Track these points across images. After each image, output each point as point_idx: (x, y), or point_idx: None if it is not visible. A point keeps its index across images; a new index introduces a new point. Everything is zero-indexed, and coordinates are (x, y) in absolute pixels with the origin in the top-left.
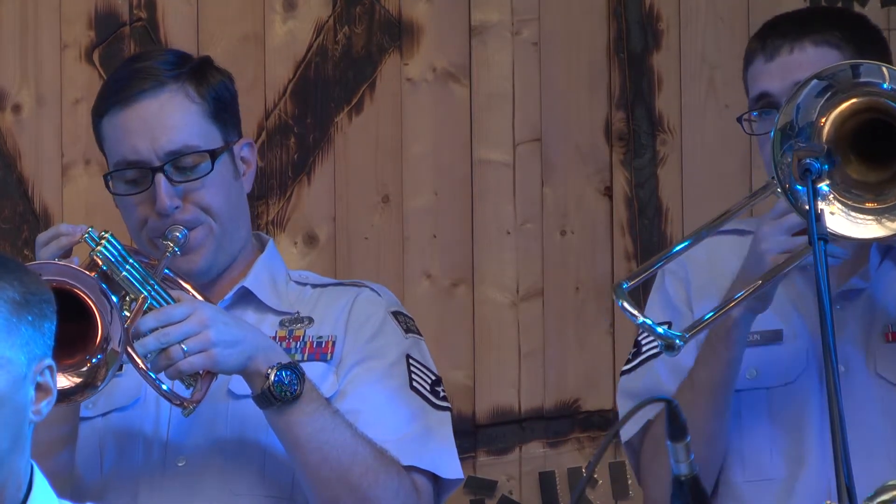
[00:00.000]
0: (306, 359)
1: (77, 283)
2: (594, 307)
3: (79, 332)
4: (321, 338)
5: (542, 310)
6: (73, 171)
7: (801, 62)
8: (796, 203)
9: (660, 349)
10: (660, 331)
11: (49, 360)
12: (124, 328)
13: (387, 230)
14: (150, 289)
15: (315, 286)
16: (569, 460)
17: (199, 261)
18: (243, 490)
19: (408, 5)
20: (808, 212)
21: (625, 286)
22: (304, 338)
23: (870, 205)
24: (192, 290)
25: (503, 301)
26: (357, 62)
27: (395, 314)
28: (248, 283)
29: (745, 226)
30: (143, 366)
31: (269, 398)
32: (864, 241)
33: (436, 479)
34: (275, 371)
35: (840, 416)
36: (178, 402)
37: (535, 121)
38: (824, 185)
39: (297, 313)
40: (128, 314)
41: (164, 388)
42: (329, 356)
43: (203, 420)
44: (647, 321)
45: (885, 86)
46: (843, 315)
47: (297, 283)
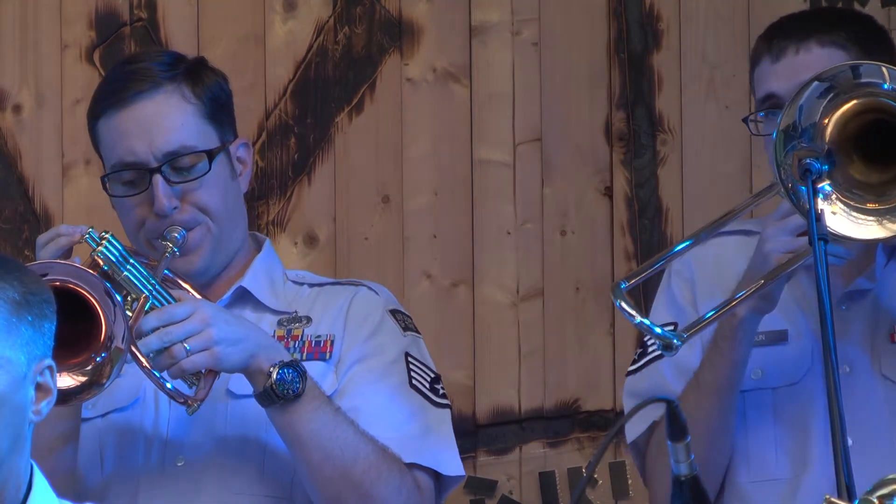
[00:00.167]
0: (305, 358)
1: (81, 283)
2: (594, 307)
3: (83, 332)
4: (319, 337)
5: (542, 310)
6: (73, 171)
7: (807, 63)
8: (798, 203)
9: (658, 349)
10: (658, 331)
11: (49, 360)
12: (128, 326)
13: (387, 230)
14: (152, 288)
15: (312, 285)
16: (569, 460)
17: (197, 261)
18: (243, 489)
19: (408, 5)
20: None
21: (623, 286)
22: (302, 337)
23: (871, 205)
24: (192, 290)
25: (503, 301)
26: (357, 62)
27: (393, 312)
28: (245, 282)
29: (752, 226)
30: (146, 364)
31: (271, 396)
32: (864, 242)
33: (437, 476)
34: (277, 369)
35: (840, 415)
36: (183, 401)
37: (535, 121)
38: (827, 185)
39: (295, 313)
40: (130, 314)
41: (169, 386)
42: (328, 355)
43: (202, 420)
44: (645, 321)
45: (886, 86)
46: (849, 315)
47: (294, 282)
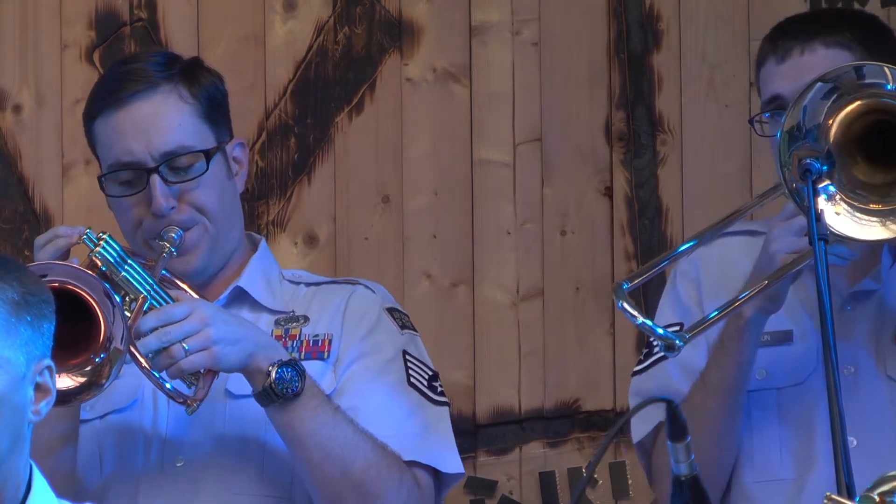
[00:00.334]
0: (303, 357)
1: (80, 284)
2: (594, 307)
3: (82, 333)
4: (317, 336)
5: (542, 310)
6: (73, 171)
7: (812, 64)
8: (801, 204)
9: (660, 350)
10: (660, 332)
11: (48, 361)
12: (127, 327)
13: (387, 230)
14: (150, 289)
15: (309, 285)
16: (569, 460)
17: (195, 261)
18: (242, 489)
19: (408, 5)
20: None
21: (625, 286)
22: (300, 336)
23: (875, 206)
24: (190, 291)
25: (503, 301)
26: (357, 62)
27: (390, 310)
28: (242, 282)
29: (757, 226)
30: (145, 365)
31: (270, 395)
32: (868, 243)
33: (436, 474)
34: (276, 368)
35: (840, 413)
36: (182, 401)
37: (535, 121)
38: (830, 185)
39: (293, 312)
40: (128, 314)
41: (168, 386)
42: (326, 354)
43: (201, 420)
44: (647, 322)
45: (889, 87)
46: (854, 316)
47: (290, 282)
